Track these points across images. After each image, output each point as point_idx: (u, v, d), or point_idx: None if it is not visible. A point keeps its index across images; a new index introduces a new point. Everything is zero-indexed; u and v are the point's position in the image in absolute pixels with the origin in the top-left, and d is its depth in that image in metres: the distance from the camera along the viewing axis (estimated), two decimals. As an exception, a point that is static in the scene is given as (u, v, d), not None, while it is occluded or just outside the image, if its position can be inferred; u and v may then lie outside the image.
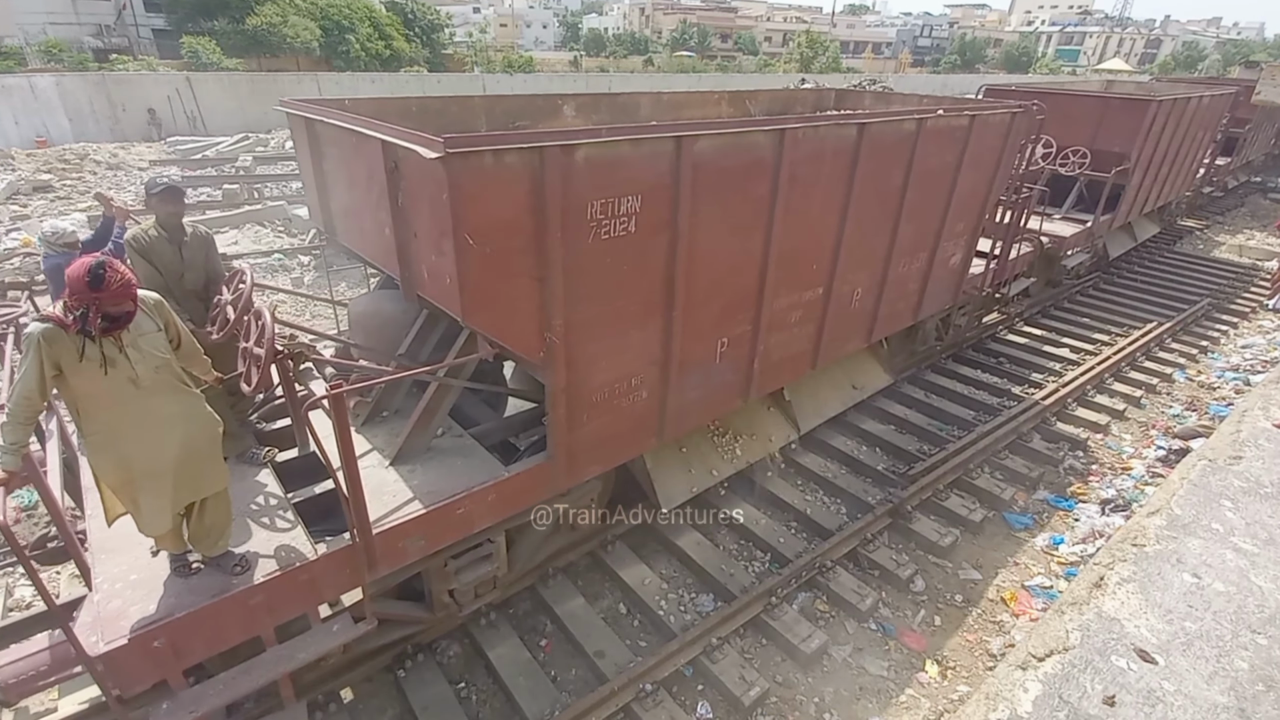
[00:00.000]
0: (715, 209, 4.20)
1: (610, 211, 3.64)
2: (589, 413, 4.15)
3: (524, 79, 40.34)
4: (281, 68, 39.31)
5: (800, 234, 4.91)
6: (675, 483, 5.35)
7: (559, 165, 3.29)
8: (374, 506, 3.67)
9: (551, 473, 4.12)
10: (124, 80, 28.64)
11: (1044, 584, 5.39)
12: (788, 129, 4.32)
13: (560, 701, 4.23)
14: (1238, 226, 17.16)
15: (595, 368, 4.04)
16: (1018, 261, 8.31)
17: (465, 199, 3.07)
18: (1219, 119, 12.89)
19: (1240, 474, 5.43)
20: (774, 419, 6.22)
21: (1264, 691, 3.54)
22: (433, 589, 4.08)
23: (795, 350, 5.56)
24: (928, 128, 5.48)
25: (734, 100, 7.20)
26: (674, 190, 3.88)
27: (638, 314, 4.11)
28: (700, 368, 4.75)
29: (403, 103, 5.07)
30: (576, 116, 6.00)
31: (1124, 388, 8.37)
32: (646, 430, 4.63)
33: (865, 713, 4.34)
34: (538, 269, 3.46)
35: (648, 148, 3.66)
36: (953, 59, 73.63)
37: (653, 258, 4.00)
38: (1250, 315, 11.24)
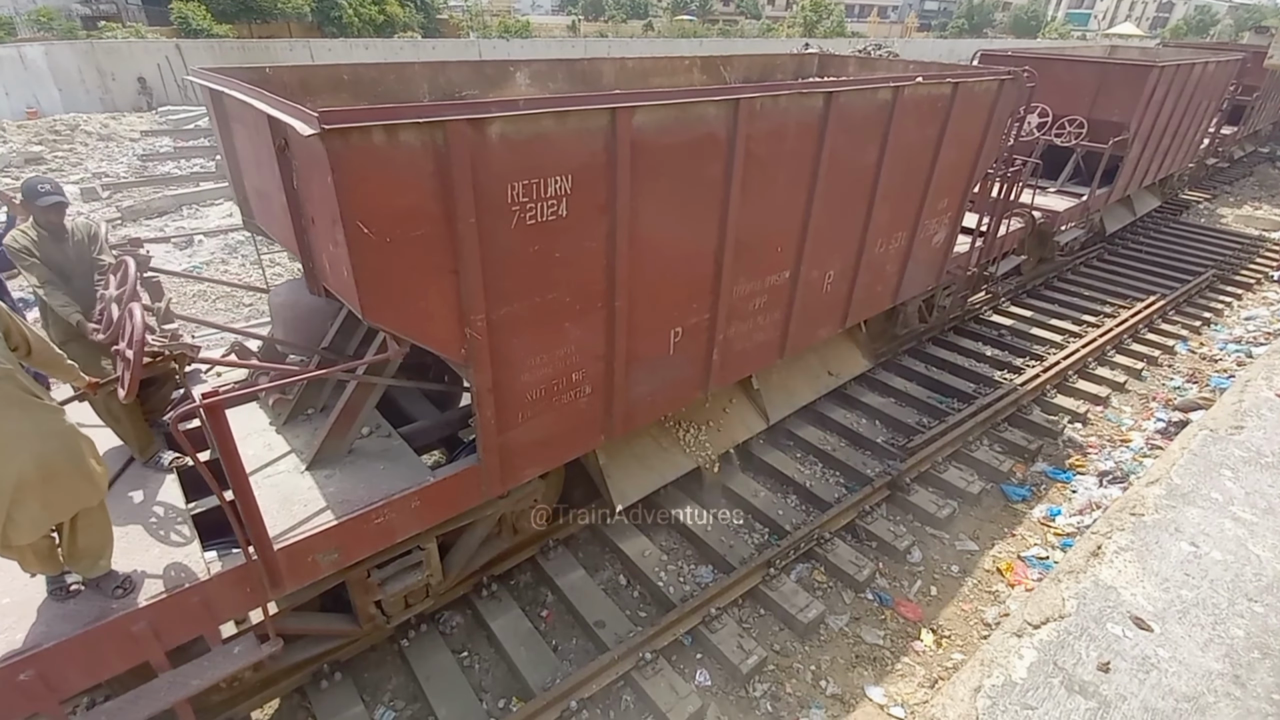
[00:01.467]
0: (661, 189, 3.79)
1: (535, 194, 3.24)
2: (524, 412, 3.79)
3: (521, 44, 39.27)
4: (273, 34, 38.35)
5: (761, 215, 4.50)
6: (631, 480, 5.01)
7: (467, 142, 2.88)
8: (282, 517, 3.37)
9: (483, 476, 3.77)
10: (113, 49, 27.88)
11: (1040, 555, 5.36)
12: (742, 99, 3.89)
13: (561, 670, 4.25)
14: (1245, 197, 16.57)
15: (527, 365, 3.67)
16: (1007, 239, 7.85)
17: (353, 182, 2.67)
18: (1225, 86, 12.25)
19: (1241, 444, 5.35)
20: (741, 409, 5.86)
21: (1259, 658, 3.53)
22: (356, 601, 3.78)
23: (760, 339, 5.17)
24: (905, 97, 5.02)
25: (708, 66, 6.69)
26: (611, 169, 3.47)
27: (574, 306, 3.72)
28: (651, 361, 4.38)
29: (333, 71, 4.61)
30: (531, 85, 5.53)
31: (1125, 360, 8.20)
32: (592, 428, 4.27)
33: (861, 680, 4.36)
34: (450, 260, 3.08)
35: (576, 122, 3.24)
36: (960, 23, 71.53)
37: (589, 244, 3.60)
38: (1255, 287, 10.96)
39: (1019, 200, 7.90)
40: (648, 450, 5.23)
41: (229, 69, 4.13)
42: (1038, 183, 8.47)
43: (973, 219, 7.25)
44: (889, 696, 4.28)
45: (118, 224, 12.83)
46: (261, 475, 3.63)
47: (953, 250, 6.87)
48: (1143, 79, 8.78)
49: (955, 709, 3.35)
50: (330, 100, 4.59)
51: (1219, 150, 15.57)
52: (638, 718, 4.06)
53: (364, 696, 4.09)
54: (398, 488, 3.56)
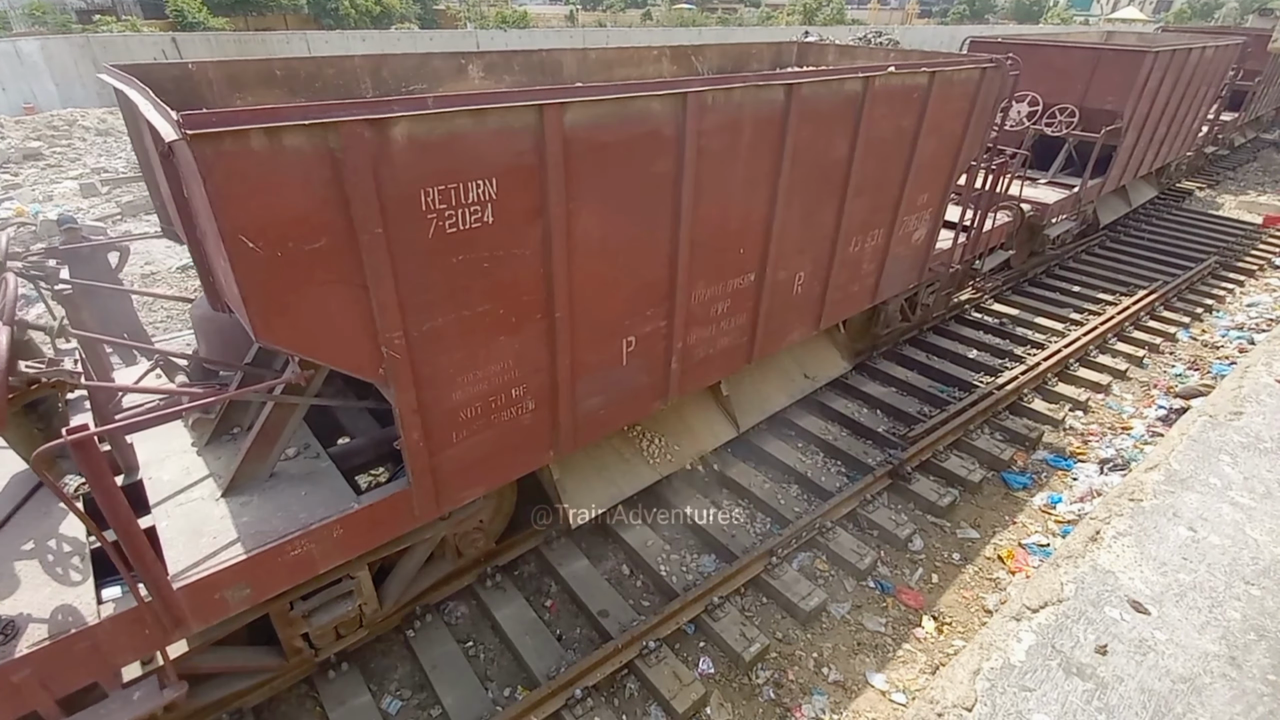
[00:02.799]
0: (601, 191, 3.49)
1: (454, 200, 2.95)
2: (458, 431, 3.51)
3: (519, 34, 38.82)
4: (269, 26, 38.05)
5: (719, 216, 4.19)
6: (588, 494, 4.73)
7: (367, 146, 2.59)
8: (187, 551, 3.10)
9: (414, 500, 3.50)
10: (109, 42, 27.58)
11: (1041, 542, 5.32)
12: (690, 93, 3.57)
13: (566, 659, 4.24)
14: (1249, 183, 16.15)
15: (459, 382, 3.38)
16: (993, 233, 7.51)
17: (232, 192, 2.38)
18: (1225, 72, 11.79)
19: (1240, 429, 5.32)
20: (709, 417, 5.57)
21: (1255, 640, 3.54)
22: (280, 634, 3.52)
23: (725, 345, 4.87)
24: (876, 88, 4.68)
25: (678, 57, 6.36)
26: (541, 171, 3.17)
27: (509, 318, 3.43)
28: (601, 372, 4.09)
29: (264, 66, 4.30)
30: (485, 78, 5.21)
31: (1127, 347, 8.09)
32: (538, 444, 3.99)
33: (863, 667, 4.35)
34: (357, 273, 2.79)
35: (497, 121, 2.93)
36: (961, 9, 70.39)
37: (521, 252, 3.30)
38: (1257, 273, 10.75)
39: (1006, 193, 7.56)
40: (608, 462, 4.95)
41: (143, 65, 3.83)
42: (1027, 174, 8.13)
43: (957, 213, 6.91)
44: (890, 683, 4.26)
45: (117, 220, 12.62)
46: (173, 503, 3.36)
47: (935, 247, 6.54)
48: (1137, 65, 8.38)
49: (954, 691, 3.34)
50: (262, 97, 4.30)
51: (1219, 138, 15.09)
52: (642, 705, 4.05)
53: (370, 685, 4.09)
54: (318, 516, 3.29)
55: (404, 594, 4.03)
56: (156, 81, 3.92)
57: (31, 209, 12.57)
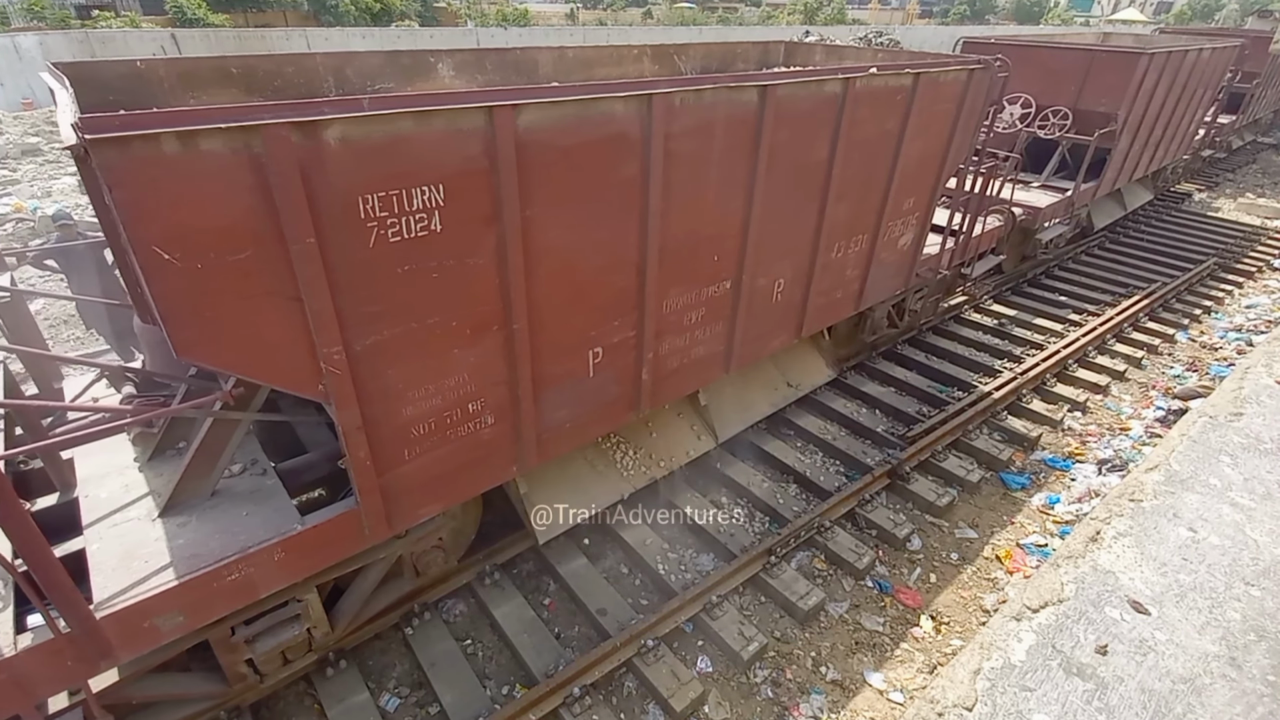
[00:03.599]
0: (561, 197, 3.30)
1: (397, 207, 2.76)
2: (410, 448, 3.33)
3: (519, 32, 38.58)
4: (268, 23, 37.83)
5: (691, 222, 4.00)
6: (557, 509, 4.56)
7: (294, 150, 2.40)
8: (117, 576, 2.92)
9: (363, 520, 3.32)
10: (108, 38, 27.44)
11: (1039, 542, 5.29)
12: (656, 95, 3.38)
13: (564, 657, 4.20)
14: (1248, 185, 16.01)
15: (409, 397, 3.20)
16: (983, 238, 7.31)
17: (142, 201, 2.20)
18: (1222, 74, 11.57)
19: (1240, 430, 5.28)
20: (686, 427, 5.38)
21: (1255, 641, 3.51)
22: (222, 660, 3.33)
23: (701, 354, 4.68)
24: (857, 90, 4.49)
25: (660, 56, 6.16)
26: (493, 176, 2.99)
27: (464, 330, 3.24)
28: (567, 385, 3.90)
29: (219, 64, 4.11)
30: (456, 77, 5.02)
31: (1125, 348, 8.04)
32: (500, 459, 3.81)
33: (861, 666, 4.33)
34: (289, 285, 2.61)
35: (443, 124, 2.75)
36: (962, 9, 70.00)
37: (474, 262, 3.12)
38: (1256, 275, 10.67)
39: (996, 197, 7.37)
40: (580, 474, 4.77)
41: (89, 63, 3.65)
42: (1018, 176, 7.94)
43: (945, 217, 6.72)
44: (888, 682, 4.24)
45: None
46: (108, 523, 3.18)
47: (922, 252, 6.35)
48: (1131, 67, 8.16)
49: (955, 690, 3.31)
50: (217, 97, 4.10)
51: (1216, 141, 14.85)
52: (640, 704, 4.02)
53: (369, 683, 4.05)
54: (258, 538, 3.10)
55: (358, 615, 3.85)
56: (104, 80, 3.76)
57: (30, 205, 12.42)
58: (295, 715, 3.93)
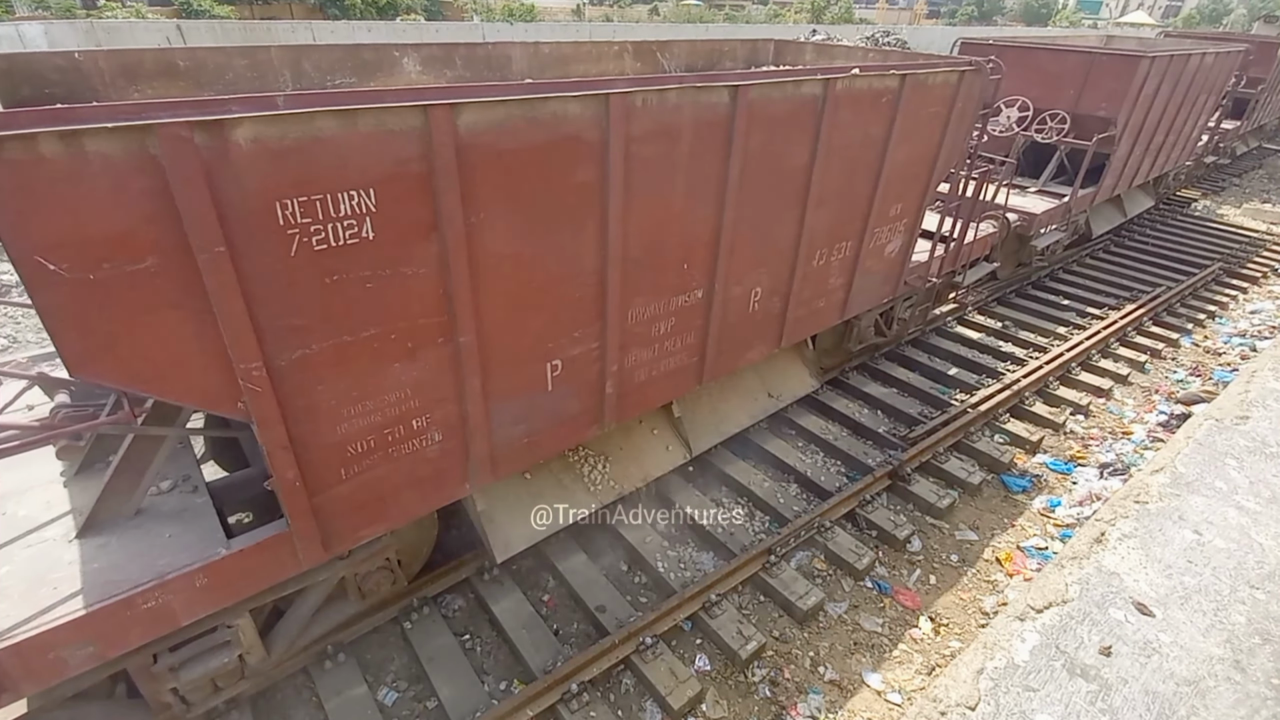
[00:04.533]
0: (510, 203, 3.08)
1: (322, 213, 2.54)
2: (346, 468, 3.11)
3: (525, 28, 38.24)
4: (275, 15, 37.63)
5: (656, 230, 3.78)
6: (520, 526, 4.34)
7: (197, 152, 2.18)
8: (22, 603, 2.71)
9: (296, 544, 3.11)
10: (113, 28, 27.15)
11: (1039, 545, 5.26)
12: (614, 95, 3.15)
13: (563, 654, 4.19)
14: (1253, 190, 15.77)
15: (343, 415, 2.98)
16: (977, 245, 7.07)
17: (21, 206, 1.99)
18: (1226, 79, 11.27)
19: (1246, 433, 5.25)
20: (659, 440, 5.16)
21: (1260, 644, 3.49)
22: (144, 690, 3.13)
23: (671, 366, 4.46)
24: (838, 92, 4.26)
25: (642, 53, 5.93)
26: (432, 181, 2.77)
27: (404, 343, 3.03)
28: (523, 399, 3.69)
29: (164, 56, 3.89)
30: (423, 73, 4.79)
31: (1128, 352, 7.96)
32: (449, 477, 3.59)
33: (859, 666, 4.31)
34: (197, 297, 2.39)
35: (371, 124, 2.53)
36: (970, 9, 69.38)
37: (413, 271, 2.90)
38: (1261, 280, 10.56)
39: (991, 202, 7.13)
40: (544, 489, 4.55)
41: (23, 54, 3.44)
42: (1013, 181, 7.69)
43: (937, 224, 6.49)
44: (886, 683, 4.23)
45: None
46: (21, 544, 2.97)
47: (911, 259, 6.11)
48: (1131, 71, 7.88)
49: (958, 690, 3.29)
50: (161, 90, 3.88)
51: (1220, 147, 14.53)
52: (638, 701, 4.01)
53: (367, 677, 4.05)
54: (179, 563, 2.90)
55: (298, 640, 3.64)
56: (40, 73, 3.54)
57: None
58: (293, 707, 3.92)
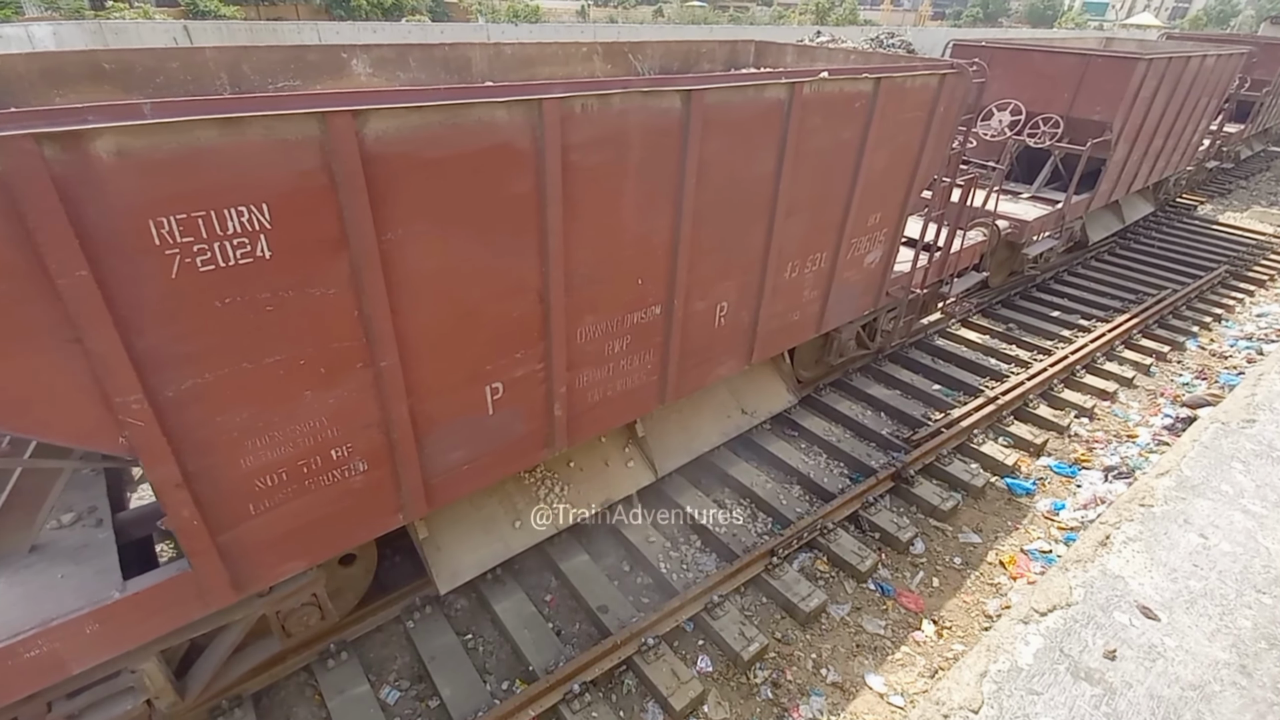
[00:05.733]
0: (433, 218, 2.82)
1: (206, 231, 2.29)
2: (255, 502, 2.87)
3: (530, 29, 38.06)
4: (280, 16, 37.62)
5: (603, 243, 3.51)
6: (466, 553, 4.09)
7: (49, 168, 1.93)
8: (-109, 652, 2.47)
9: (200, 584, 2.87)
10: (121, 29, 27.11)
11: (1043, 548, 5.21)
12: (547, 100, 2.90)
13: (564, 654, 4.16)
14: (1261, 193, 15.48)
15: (248, 447, 2.73)
16: (964, 254, 6.78)
17: None
18: (1229, 81, 10.91)
19: (1253, 437, 5.17)
20: (622, 460, 4.90)
21: (1266, 649, 3.47)
22: (39, 738, 2.89)
23: (628, 385, 4.20)
24: (806, 96, 3.98)
25: (612, 54, 5.66)
26: (335, 194, 2.51)
27: (316, 369, 2.77)
28: (460, 424, 3.43)
29: (89, 58, 3.64)
30: (374, 75, 4.54)
31: (1134, 355, 7.87)
32: (379, 508, 3.34)
33: (861, 668, 4.29)
34: (60, 325, 2.15)
35: (260, 133, 2.27)
36: (975, 11, 68.79)
37: (322, 292, 2.65)
38: (1268, 283, 10.38)
39: (981, 209, 6.84)
40: (496, 514, 4.30)
41: (-78, 53, 3.20)
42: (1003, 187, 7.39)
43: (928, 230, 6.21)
44: (889, 685, 4.19)
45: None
46: (-100, 585, 2.74)
47: (892, 269, 5.83)
48: (1127, 74, 7.55)
49: (961, 693, 3.27)
50: (87, 95, 3.64)
51: (1223, 151, 14.14)
52: (639, 702, 3.98)
53: (370, 675, 4.03)
54: (69, 607, 2.65)
55: (216, 681, 3.39)
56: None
57: None
58: (296, 705, 3.91)
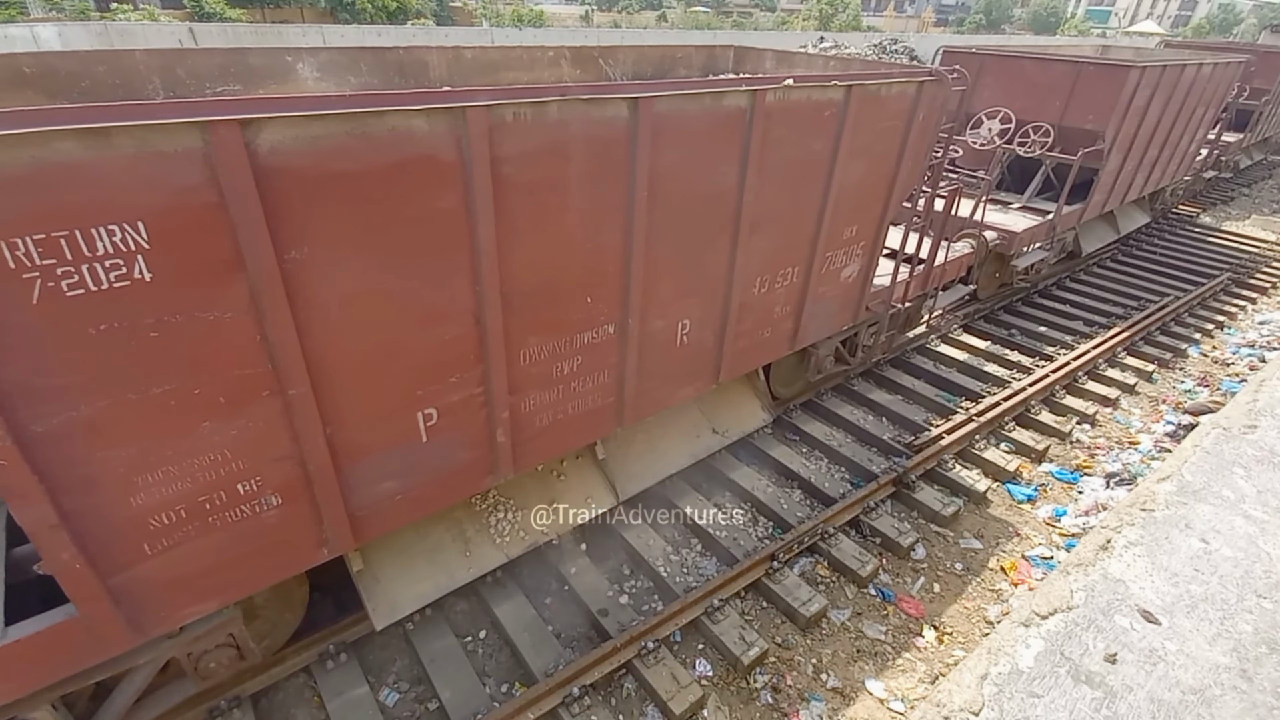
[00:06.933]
0: (345, 236, 2.57)
1: (70, 252, 2.05)
2: (152, 542, 2.63)
3: (534, 33, 37.98)
4: (286, 19, 37.61)
5: (545, 261, 3.26)
6: (408, 585, 3.84)
7: None
8: None
9: (90, 630, 2.63)
10: (126, 31, 27.02)
11: (1044, 554, 5.17)
12: (473, 108, 2.66)
13: (564, 657, 4.10)
14: (1264, 200, 15.24)
15: (137, 484, 2.48)
16: (949, 266, 6.52)
17: None
18: (1226, 90, 10.62)
19: (1254, 442, 5.13)
20: (582, 483, 4.65)
21: (1267, 654, 3.46)
22: (-85, 794, 2.66)
23: (582, 408, 3.95)
24: (769, 105, 3.74)
25: (580, 59, 5.42)
26: (225, 211, 2.28)
27: (215, 399, 2.53)
28: (390, 453, 3.18)
29: (8, 63, 3.40)
30: (320, 79, 4.31)
31: (1136, 361, 7.73)
32: (300, 543, 3.09)
33: (862, 674, 4.25)
34: (-105, 358, 1.91)
35: (131, 144, 2.03)
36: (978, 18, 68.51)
37: (216, 316, 2.40)
38: (1270, 291, 10.25)
39: (968, 220, 6.59)
40: (443, 542, 4.05)
41: None
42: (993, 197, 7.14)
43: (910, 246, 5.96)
44: (889, 691, 4.16)
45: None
46: None
47: (872, 283, 5.58)
48: (1119, 81, 7.28)
49: (961, 695, 3.25)
50: (7, 102, 3.42)
51: (1221, 160, 13.84)
52: (639, 705, 3.95)
53: (369, 677, 3.99)
54: (-63, 657, 2.43)
55: (127, 726, 3.15)
56: None
57: None
58: (295, 706, 3.87)
